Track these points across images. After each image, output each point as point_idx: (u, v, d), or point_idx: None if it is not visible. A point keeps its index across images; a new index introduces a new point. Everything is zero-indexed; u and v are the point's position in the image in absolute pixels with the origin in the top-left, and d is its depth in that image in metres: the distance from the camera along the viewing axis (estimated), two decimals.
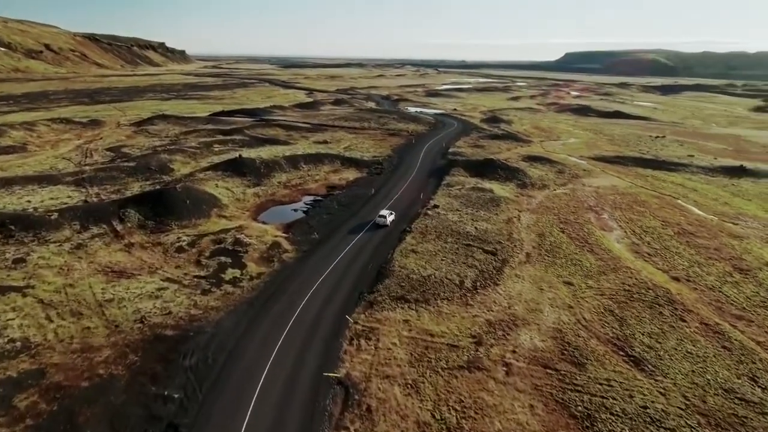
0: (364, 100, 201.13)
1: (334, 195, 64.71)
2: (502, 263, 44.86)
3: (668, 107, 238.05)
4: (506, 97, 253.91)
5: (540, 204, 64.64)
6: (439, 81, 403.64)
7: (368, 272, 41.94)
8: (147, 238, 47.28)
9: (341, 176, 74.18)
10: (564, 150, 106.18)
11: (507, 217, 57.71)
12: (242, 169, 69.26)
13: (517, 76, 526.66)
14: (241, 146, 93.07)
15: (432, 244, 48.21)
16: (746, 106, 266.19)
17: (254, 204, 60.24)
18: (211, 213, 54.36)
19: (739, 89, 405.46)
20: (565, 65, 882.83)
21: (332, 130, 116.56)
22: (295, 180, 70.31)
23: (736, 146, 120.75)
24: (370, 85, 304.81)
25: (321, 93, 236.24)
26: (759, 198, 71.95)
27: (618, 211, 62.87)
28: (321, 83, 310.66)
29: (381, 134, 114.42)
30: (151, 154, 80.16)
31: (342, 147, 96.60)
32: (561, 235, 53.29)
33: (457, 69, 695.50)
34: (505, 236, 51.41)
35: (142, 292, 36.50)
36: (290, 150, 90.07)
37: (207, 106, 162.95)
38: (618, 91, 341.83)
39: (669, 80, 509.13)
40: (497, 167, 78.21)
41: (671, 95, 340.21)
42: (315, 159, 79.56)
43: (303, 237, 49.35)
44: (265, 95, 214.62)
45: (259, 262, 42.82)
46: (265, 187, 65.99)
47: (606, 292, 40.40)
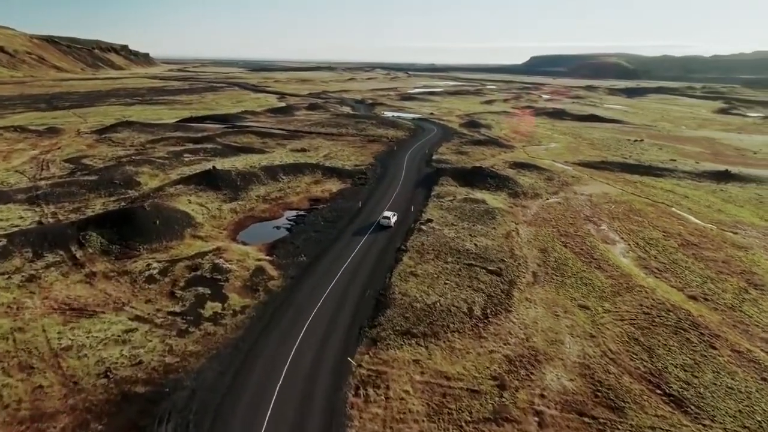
0: (338, 104, 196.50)
1: (318, 209, 60.10)
2: (510, 285, 41.32)
3: (638, 110, 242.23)
4: (480, 100, 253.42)
5: (536, 215, 61.69)
6: (411, 84, 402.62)
7: (366, 300, 37.63)
8: (111, 266, 41.68)
9: (324, 188, 69.58)
10: (548, 155, 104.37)
11: (505, 231, 54.37)
12: (217, 182, 63.85)
13: (487, 80, 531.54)
14: (214, 155, 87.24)
15: (432, 264, 44.29)
16: (709, 108, 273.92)
17: (232, 221, 55.05)
18: (184, 233, 48.98)
19: (698, 91, 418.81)
20: (532, 68, 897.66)
21: (309, 137, 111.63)
22: (275, 193, 65.31)
23: (712, 149, 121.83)
24: (342, 89, 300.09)
25: (293, 97, 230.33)
26: (750, 204, 71.09)
27: (616, 221, 60.50)
28: (292, 87, 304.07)
29: (360, 141, 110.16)
30: (115, 166, 73.64)
31: (321, 155, 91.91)
32: (564, 250, 50.27)
33: (426, 72, 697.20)
34: (507, 253, 47.99)
35: (107, 336, 31.19)
36: (267, 159, 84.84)
37: (174, 111, 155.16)
38: (586, 93, 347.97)
39: (632, 83, 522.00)
40: (487, 176, 75.11)
41: (637, 98, 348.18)
42: (295, 169, 74.67)
43: (289, 260, 44.64)
44: (236, 100, 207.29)
45: (243, 293, 37.94)
46: (243, 201, 60.79)
47: (625, 316, 37.31)
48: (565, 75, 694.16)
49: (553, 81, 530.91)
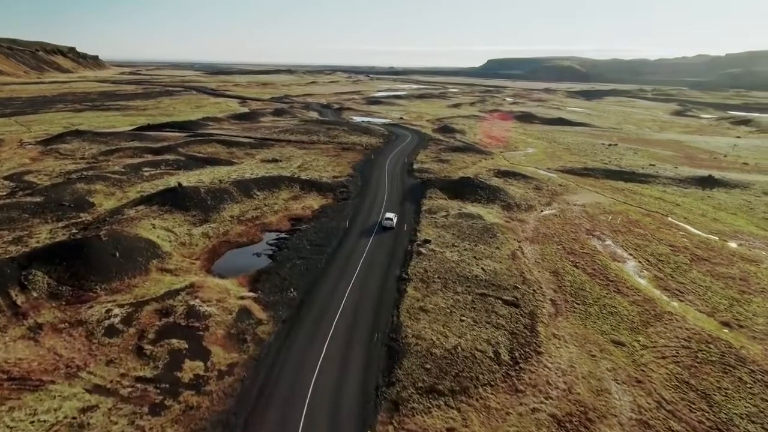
0: (304, 109, 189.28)
1: (301, 230, 53.99)
2: (532, 318, 36.77)
3: (600, 112, 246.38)
4: (446, 104, 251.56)
5: (536, 230, 57.80)
6: (374, 88, 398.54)
7: (376, 347, 32.10)
8: (62, 315, 34.38)
9: (304, 204, 63.43)
10: (528, 162, 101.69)
11: (509, 251, 50.01)
12: (184, 201, 56.64)
13: (447, 82, 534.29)
14: (177, 168, 79.30)
15: (441, 296, 39.21)
16: (665, 110, 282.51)
17: (205, 249, 48.20)
18: (149, 266, 41.95)
19: (649, 93, 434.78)
20: (489, 71, 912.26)
21: (279, 146, 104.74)
22: (251, 212, 58.66)
23: (683, 152, 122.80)
24: (305, 93, 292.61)
25: (255, 102, 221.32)
26: (741, 211, 69.90)
27: (619, 235, 57.37)
28: (253, 91, 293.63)
29: (334, 149, 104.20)
30: (63, 184, 64.87)
31: (295, 166, 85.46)
32: (576, 271, 46.36)
33: (387, 75, 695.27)
34: (519, 278, 43.55)
35: (57, 420, 24.38)
36: (237, 172, 77.72)
37: (129, 118, 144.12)
38: (547, 96, 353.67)
39: (585, 85, 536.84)
40: (476, 187, 70.93)
41: (595, 100, 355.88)
42: (269, 183, 68.08)
43: (277, 296, 38.53)
44: (194, 105, 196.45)
45: (228, 345, 31.63)
46: (216, 224, 53.91)
47: (665, 352, 33.37)
48: (521, 78, 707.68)
49: (512, 84, 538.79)
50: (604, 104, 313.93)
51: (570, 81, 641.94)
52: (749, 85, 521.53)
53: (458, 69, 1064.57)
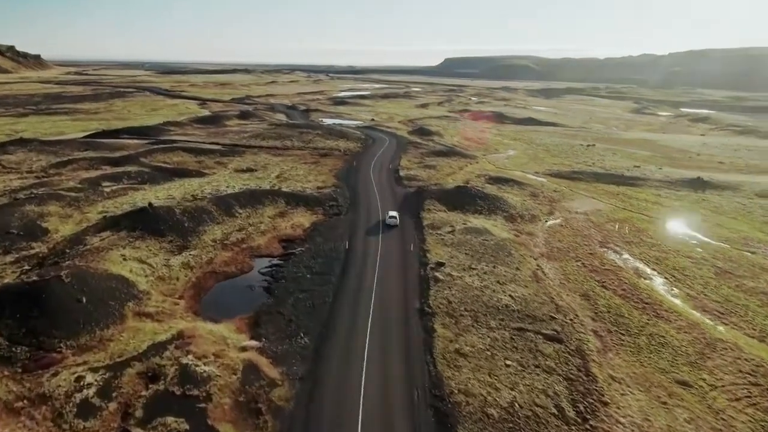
0: (269, 111, 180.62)
1: (295, 254, 47.80)
2: (581, 357, 32.42)
3: (564, 111, 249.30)
4: (413, 104, 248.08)
5: (548, 244, 53.95)
6: (336, 87, 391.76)
7: (419, 410, 26.75)
8: (18, 387, 27.16)
9: (293, 222, 57.11)
10: (514, 165, 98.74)
11: (530, 271, 45.76)
12: (157, 224, 49.24)
13: (408, 81, 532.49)
14: (142, 182, 70.95)
15: (475, 334, 34.27)
16: (623, 108, 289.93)
17: (188, 283, 41.30)
18: (125, 312, 34.91)
19: (602, 91, 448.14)
20: (446, 70, 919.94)
21: (251, 153, 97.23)
22: (235, 234, 51.86)
23: (660, 152, 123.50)
24: (266, 93, 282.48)
25: (215, 103, 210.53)
26: (739, 214, 68.80)
27: (634, 246, 54.36)
28: (211, 91, 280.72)
29: (311, 155, 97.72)
30: (9, 206, 55.76)
31: (273, 176, 78.64)
32: (606, 293, 42.60)
33: (347, 74, 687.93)
34: (550, 305, 39.26)
35: None
36: (210, 185, 70.25)
37: (79, 123, 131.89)
38: (510, 95, 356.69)
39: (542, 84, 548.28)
40: (475, 197, 66.65)
41: (554, 99, 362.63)
42: (251, 199, 61.27)
43: (286, 344, 32.50)
44: (150, 107, 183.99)
45: (239, 420, 25.46)
46: (197, 250, 46.89)
47: (737, 392, 29.75)
48: (479, 77, 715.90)
49: (471, 82, 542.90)
50: (565, 103, 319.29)
51: (525, 79, 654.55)
52: (690, 83, 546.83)
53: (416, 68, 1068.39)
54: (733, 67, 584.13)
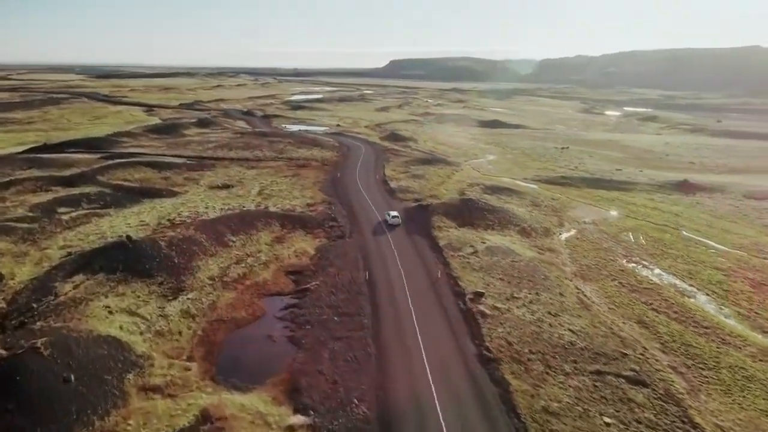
0: (227, 117, 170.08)
1: (310, 290, 41.46)
2: (677, 404, 28.60)
3: (521, 112, 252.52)
4: (373, 108, 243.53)
5: (575, 262, 50.51)
6: (286, 91, 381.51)
7: None
8: None
9: (295, 248, 50.49)
10: (498, 171, 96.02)
11: (574, 296, 41.89)
12: (141, 262, 41.36)
13: (358, 84, 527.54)
14: (104, 206, 61.67)
15: (555, 385, 29.61)
16: (574, 108, 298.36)
17: (195, 338, 34.09)
18: (126, 388, 27.59)
19: (546, 91, 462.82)
20: (393, 72, 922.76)
21: (221, 165, 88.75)
22: (234, 268, 44.69)
23: (630, 153, 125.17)
24: (216, 98, 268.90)
25: (163, 109, 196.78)
26: (737, 218, 68.63)
27: (659, 259, 51.96)
28: (156, 97, 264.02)
29: (288, 167, 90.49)
30: None
31: (255, 193, 71.24)
32: (660, 317, 39.37)
33: (293, 77, 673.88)
34: (613, 337, 35.40)
35: None
36: (186, 207, 62.08)
37: (13, 135, 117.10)
38: (464, 97, 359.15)
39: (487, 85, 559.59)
40: (482, 210, 62.53)
41: (506, 99, 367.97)
42: (241, 223, 54.03)
43: (340, 417, 26.50)
44: (92, 115, 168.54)
45: None
46: (195, 293, 39.50)
47: None
48: (424, 78, 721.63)
49: (421, 84, 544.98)
50: (517, 104, 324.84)
51: (469, 80, 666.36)
52: (624, 82, 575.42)
53: (363, 70, 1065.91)
54: (659, 66, 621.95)
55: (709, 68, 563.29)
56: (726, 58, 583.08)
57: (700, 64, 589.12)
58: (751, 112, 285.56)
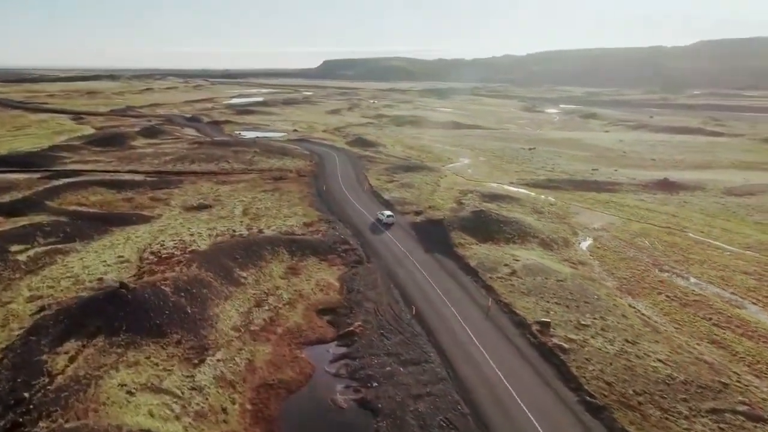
0: (172, 124, 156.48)
1: (356, 334, 35.77)
2: None
3: (467, 111, 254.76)
4: (322, 110, 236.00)
5: (611, 275, 48.30)
6: (223, 94, 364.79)
7: None
8: None
9: (315, 280, 44.34)
10: (482, 176, 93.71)
11: (637, 318, 39.28)
12: (146, 316, 33.69)
13: (296, 85, 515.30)
14: (66, 239, 51.88)
15: None
16: (515, 107, 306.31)
17: (244, 417, 27.37)
18: None
19: (482, 90, 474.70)
20: (327, 72, 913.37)
21: (188, 181, 79.48)
22: (257, 313, 37.94)
23: (592, 152, 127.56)
24: (148, 103, 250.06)
25: (94, 117, 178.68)
26: (728, 216, 70.14)
27: (688, 266, 50.95)
28: (80, 103, 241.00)
29: (264, 180, 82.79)
30: None
31: (239, 213, 63.69)
32: (728, 334, 37.68)
33: (225, 79, 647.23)
34: (701, 364, 32.95)
35: None
36: (168, 235, 53.73)
37: None
38: (408, 97, 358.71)
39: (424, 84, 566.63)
40: (496, 221, 59.16)
41: (447, 99, 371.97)
42: (247, 253, 46.89)
43: None
44: (11, 125, 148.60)
45: None
46: (223, 350, 32.54)
47: None
48: (359, 78, 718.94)
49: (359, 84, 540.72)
50: (461, 103, 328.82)
51: (404, 80, 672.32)
52: (548, 81, 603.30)
53: (296, 70, 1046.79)
54: (580, 65, 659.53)
55: (624, 66, 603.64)
56: (637, 57, 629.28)
57: (616, 62, 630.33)
58: (671, 107, 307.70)
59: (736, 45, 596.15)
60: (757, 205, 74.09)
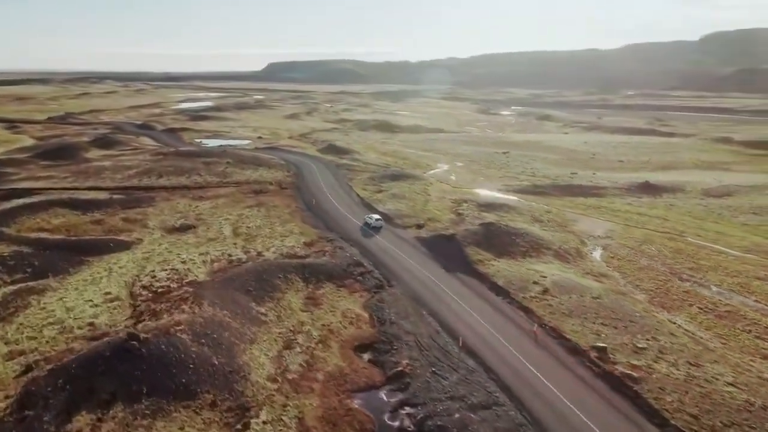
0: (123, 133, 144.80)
1: (405, 374, 32.23)
2: None
3: (425, 114, 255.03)
4: (281, 115, 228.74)
5: (639, 288, 47.42)
6: (170, 98, 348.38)
7: None
8: None
9: (341, 311, 40.27)
10: (467, 183, 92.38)
11: (685, 336, 38.13)
12: (169, 375, 28.56)
13: (244, 89, 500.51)
14: (35, 274, 44.83)
15: None
16: (470, 109, 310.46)
17: None
18: None
19: (432, 93, 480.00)
20: (272, 75, 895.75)
21: (161, 198, 72.46)
22: (291, 357, 33.42)
23: (562, 155, 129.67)
24: (89, 109, 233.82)
25: (31, 126, 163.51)
26: (715, 218, 71.91)
27: (705, 273, 51.02)
28: (11, 109, 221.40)
29: (244, 194, 76.98)
30: None
31: (231, 234, 58.27)
32: None
33: (169, 82, 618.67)
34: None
35: None
36: (158, 264, 47.75)
37: None
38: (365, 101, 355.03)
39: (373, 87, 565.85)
40: (508, 234, 57.30)
41: (401, 102, 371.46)
42: (260, 284, 42.05)
43: None
44: None
45: None
46: (267, 411, 27.90)
47: None
48: (305, 81, 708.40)
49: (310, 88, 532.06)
50: (416, 106, 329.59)
51: (352, 83, 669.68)
52: (492, 83, 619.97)
53: (240, 73, 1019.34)
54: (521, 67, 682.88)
55: (564, 68, 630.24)
56: (575, 60, 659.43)
57: (556, 64, 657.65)
58: (611, 108, 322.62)
59: (659, 48, 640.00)
60: (736, 206, 76.59)
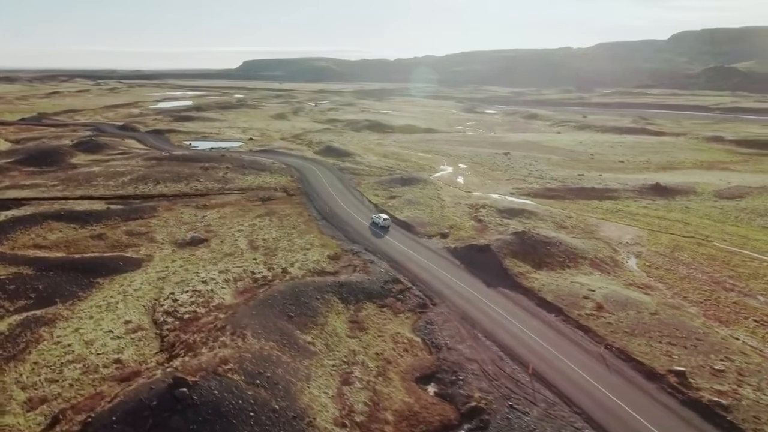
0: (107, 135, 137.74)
1: (481, 410, 29.46)
2: None
3: (417, 114, 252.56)
4: (267, 115, 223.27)
5: (687, 300, 45.62)
6: (146, 97, 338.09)
7: None
8: None
9: (391, 336, 37.16)
10: (477, 186, 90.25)
11: (753, 354, 36.25)
12: (230, 427, 25.02)
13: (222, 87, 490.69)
14: (39, 300, 40.37)
15: None
16: (456, 108, 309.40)
17: None
18: None
19: (414, 91, 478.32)
20: (248, 73, 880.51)
21: (163, 207, 67.80)
22: (352, 395, 30.05)
23: (562, 155, 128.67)
24: (62, 109, 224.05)
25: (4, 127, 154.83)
26: (735, 221, 71.26)
27: (748, 282, 49.73)
28: None
29: (251, 202, 72.90)
30: None
31: (247, 248, 54.37)
32: None
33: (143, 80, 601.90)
34: None
35: None
36: (177, 286, 43.73)
37: None
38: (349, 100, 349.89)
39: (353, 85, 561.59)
40: (543, 244, 55.00)
41: (385, 101, 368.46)
42: (299, 308, 38.52)
43: None
44: None
45: None
46: None
47: None
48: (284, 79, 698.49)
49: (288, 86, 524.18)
50: (401, 105, 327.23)
51: (330, 81, 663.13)
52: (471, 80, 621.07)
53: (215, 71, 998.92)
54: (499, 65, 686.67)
55: (539, 67, 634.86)
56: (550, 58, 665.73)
57: (532, 63, 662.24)
58: (590, 106, 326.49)
59: (630, 47, 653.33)
60: (751, 209, 76.09)
